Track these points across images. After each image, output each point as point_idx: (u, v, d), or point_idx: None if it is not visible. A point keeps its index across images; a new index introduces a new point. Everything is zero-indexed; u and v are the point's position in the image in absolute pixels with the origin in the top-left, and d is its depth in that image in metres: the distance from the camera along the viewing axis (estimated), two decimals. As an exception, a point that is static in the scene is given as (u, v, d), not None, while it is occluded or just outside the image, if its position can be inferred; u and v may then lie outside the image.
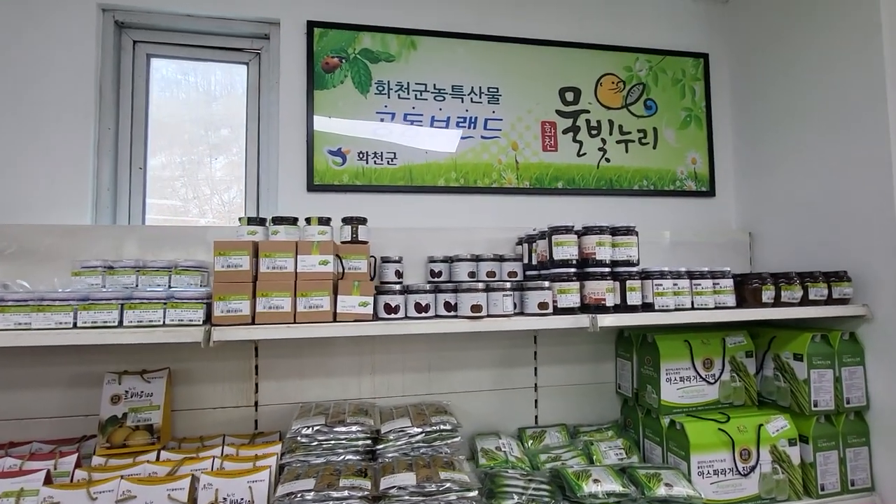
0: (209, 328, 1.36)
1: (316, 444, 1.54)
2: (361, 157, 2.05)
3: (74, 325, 1.35)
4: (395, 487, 1.36)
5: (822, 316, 1.76)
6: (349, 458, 1.53)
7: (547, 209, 2.20)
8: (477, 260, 1.83)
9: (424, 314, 1.59)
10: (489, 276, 1.82)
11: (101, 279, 1.54)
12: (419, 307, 1.59)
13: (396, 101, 2.11)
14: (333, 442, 1.55)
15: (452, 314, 1.61)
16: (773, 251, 2.22)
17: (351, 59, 2.08)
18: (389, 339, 1.91)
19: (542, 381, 2.04)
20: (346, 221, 1.68)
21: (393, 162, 2.08)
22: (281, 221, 1.62)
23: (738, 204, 2.42)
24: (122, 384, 1.61)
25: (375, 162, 2.06)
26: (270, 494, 1.39)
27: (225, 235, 1.67)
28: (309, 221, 1.64)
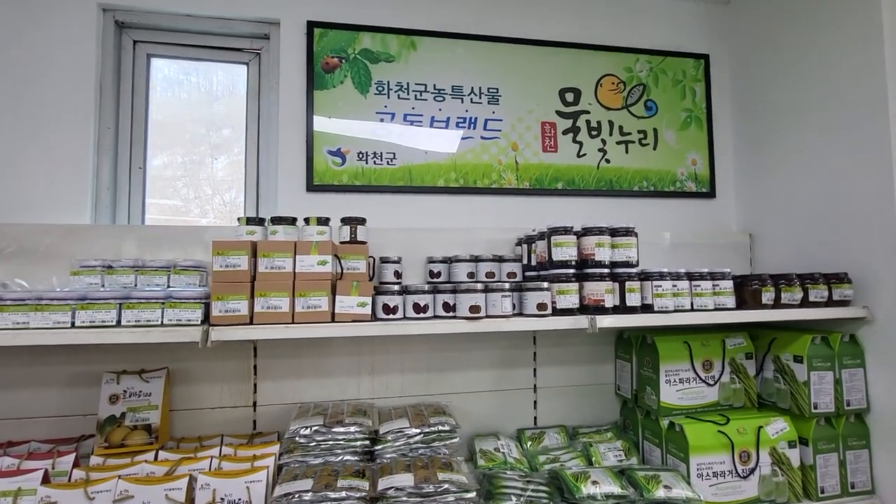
0: (207, 328, 1.36)
1: (314, 444, 1.53)
2: (361, 157, 2.05)
3: (72, 324, 1.35)
4: (392, 488, 1.36)
5: (822, 318, 1.75)
6: (347, 458, 1.53)
7: (547, 210, 2.20)
8: (476, 260, 1.83)
9: (423, 315, 1.59)
10: (488, 276, 1.81)
11: (99, 279, 1.54)
12: (417, 308, 1.59)
13: (396, 101, 2.11)
14: (332, 442, 1.54)
15: (451, 315, 1.60)
16: (773, 252, 2.22)
17: (351, 59, 2.08)
18: (388, 339, 1.91)
19: (541, 382, 2.04)
20: (344, 222, 1.68)
21: (392, 162, 2.08)
22: (279, 221, 1.62)
23: (738, 205, 2.42)
24: (120, 384, 1.61)
25: (375, 162, 2.06)
26: (268, 495, 1.38)
27: (224, 235, 1.66)
28: (308, 221, 1.64)
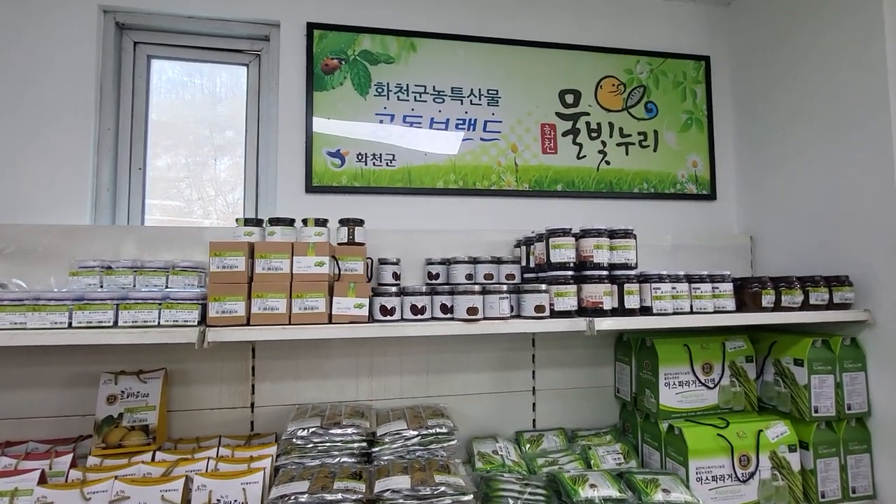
0: (204, 329, 1.36)
1: (311, 446, 1.53)
2: (360, 158, 2.05)
3: (69, 325, 1.35)
4: (389, 491, 1.35)
5: (822, 321, 1.74)
6: (344, 460, 1.53)
7: (546, 212, 2.20)
8: (474, 262, 1.82)
9: (420, 316, 1.59)
10: (486, 278, 1.81)
11: (98, 279, 1.54)
12: (415, 309, 1.58)
13: (396, 102, 2.11)
14: (329, 444, 1.54)
15: (448, 316, 1.60)
16: (774, 255, 2.20)
17: (350, 60, 2.08)
18: (387, 340, 1.90)
19: (540, 384, 2.03)
20: (342, 223, 1.68)
21: (392, 164, 2.08)
22: (277, 222, 1.62)
23: (739, 207, 2.41)
24: (118, 384, 1.61)
25: (374, 163, 2.06)
26: (264, 496, 1.38)
27: (222, 236, 1.67)
28: (305, 223, 1.64)
